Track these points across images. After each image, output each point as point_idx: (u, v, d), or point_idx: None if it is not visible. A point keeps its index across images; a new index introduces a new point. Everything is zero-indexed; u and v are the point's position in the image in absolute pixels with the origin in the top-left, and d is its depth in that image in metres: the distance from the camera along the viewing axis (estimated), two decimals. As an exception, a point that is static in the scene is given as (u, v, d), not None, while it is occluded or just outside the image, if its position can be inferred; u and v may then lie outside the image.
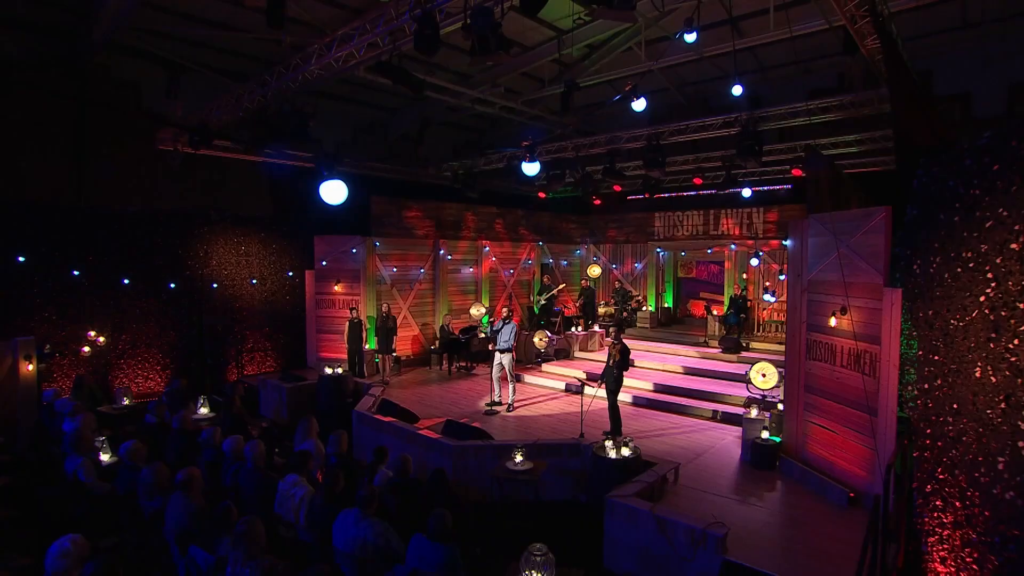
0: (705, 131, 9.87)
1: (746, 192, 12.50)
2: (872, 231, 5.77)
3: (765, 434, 6.89)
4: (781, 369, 7.42)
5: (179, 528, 4.35)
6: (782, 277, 12.15)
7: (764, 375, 8.05)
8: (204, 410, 7.86)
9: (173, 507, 4.50)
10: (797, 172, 11.49)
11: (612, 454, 5.94)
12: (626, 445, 6.01)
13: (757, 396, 8.02)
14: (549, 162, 11.91)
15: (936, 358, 5.01)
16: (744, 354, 11.33)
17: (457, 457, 6.63)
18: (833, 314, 6.15)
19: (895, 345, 5.38)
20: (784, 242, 7.67)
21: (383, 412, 8.27)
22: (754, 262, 12.88)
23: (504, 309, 9.36)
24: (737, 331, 12.40)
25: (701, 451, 7.21)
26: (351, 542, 4.25)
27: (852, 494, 5.76)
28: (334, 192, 6.74)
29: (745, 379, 8.08)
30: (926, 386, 5.09)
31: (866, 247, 5.81)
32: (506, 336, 9.11)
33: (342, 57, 6.71)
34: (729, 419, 8.37)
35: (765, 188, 13.81)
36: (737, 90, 7.61)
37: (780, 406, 7.18)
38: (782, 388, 7.22)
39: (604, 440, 6.09)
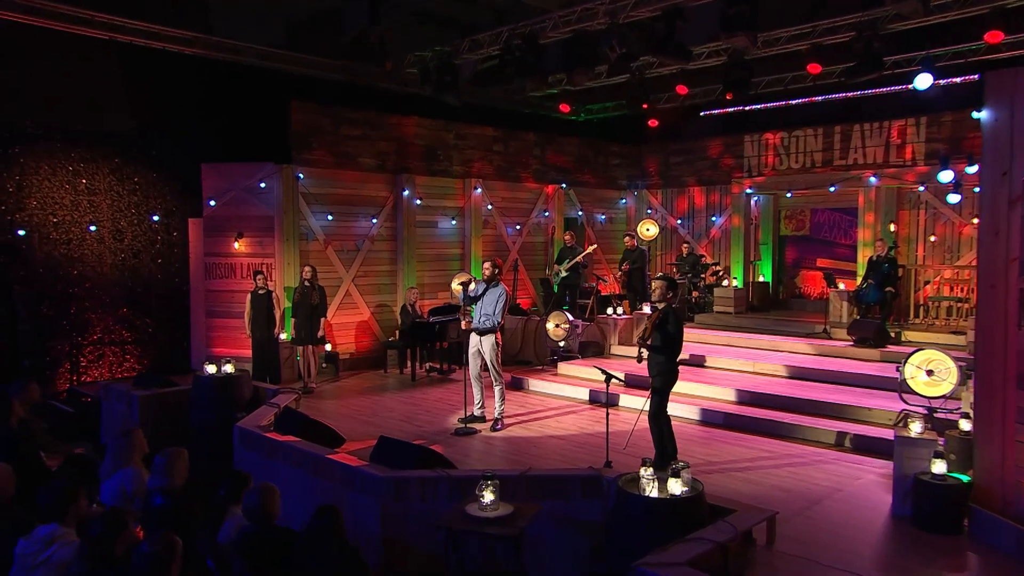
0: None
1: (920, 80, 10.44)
2: None
3: (939, 467, 6.12)
4: (962, 362, 7.20)
5: None
6: (973, 169, 11.10)
7: (931, 372, 7.65)
8: (-30, 428, 7.08)
9: None
10: (994, 36, 10.14)
11: (651, 490, 5.27)
12: (676, 476, 5.33)
13: (919, 408, 7.58)
14: (570, 39, 10.99)
15: None
16: (892, 348, 11.03)
17: (391, 497, 6.07)
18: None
19: None
20: (975, 114, 6.50)
21: (284, 429, 7.87)
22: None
23: (487, 264, 8.98)
24: (881, 313, 11.94)
25: (818, 496, 6.73)
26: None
27: None
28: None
29: (897, 383, 7.78)
30: None
31: None
32: (488, 308, 8.70)
33: None
34: (867, 446, 8.02)
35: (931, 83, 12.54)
36: None
37: (965, 423, 6.55)
38: (969, 394, 6.83)
39: (640, 470, 5.46)
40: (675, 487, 5.27)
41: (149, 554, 3.58)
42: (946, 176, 11.97)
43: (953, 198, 12.14)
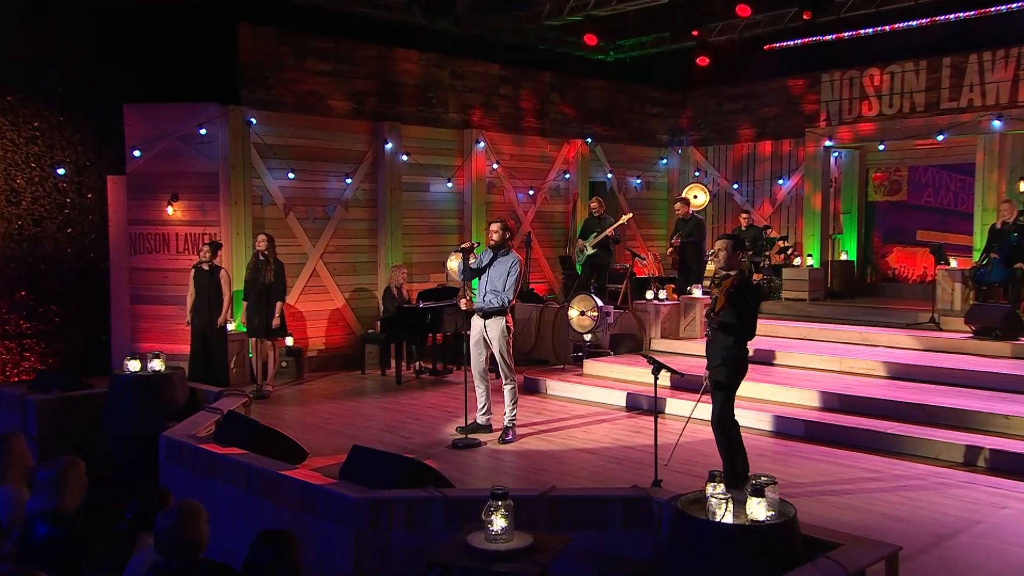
0: None
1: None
2: None
3: None
4: None
5: None
6: None
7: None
8: None
9: None
10: None
11: (724, 515, 4.99)
12: (759, 495, 5.03)
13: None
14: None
15: None
16: (1028, 342, 11.16)
17: (367, 524, 5.93)
18: None
19: None
20: None
21: (227, 439, 7.77)
22: None
23: (496, 225, 9.01)
24: (1008, 296, 11.92)
25: (950, 529, 6.65)
26: None
27: None
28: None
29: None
30: None
31: None
32: (497, 283, 8.76)
33: None
34: (1009, 465, 8.04)
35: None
36: None
37: None
38: None
39: (707, 487, 5.20)
40: (757, 510, 4.94)
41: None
42: None
43: None
